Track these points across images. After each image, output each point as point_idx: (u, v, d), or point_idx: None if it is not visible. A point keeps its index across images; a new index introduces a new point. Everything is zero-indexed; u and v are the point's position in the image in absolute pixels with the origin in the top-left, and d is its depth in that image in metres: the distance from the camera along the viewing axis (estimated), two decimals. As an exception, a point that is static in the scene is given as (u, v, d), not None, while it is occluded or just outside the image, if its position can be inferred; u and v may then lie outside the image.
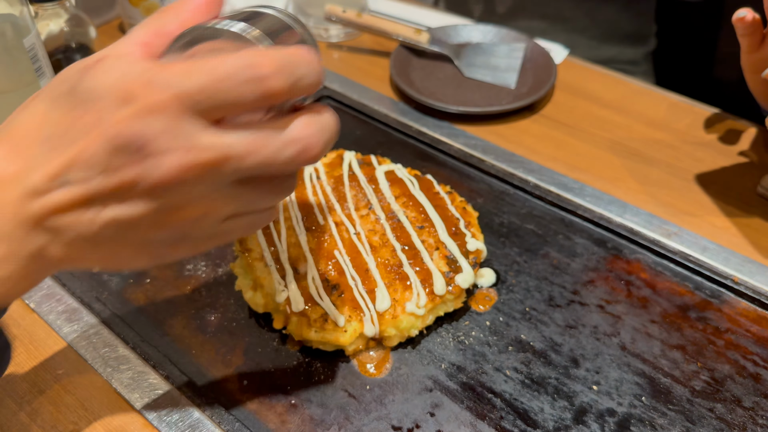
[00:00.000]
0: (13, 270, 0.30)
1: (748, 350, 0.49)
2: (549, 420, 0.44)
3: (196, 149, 0.28)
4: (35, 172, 0.29)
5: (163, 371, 0.46)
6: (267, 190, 0.33)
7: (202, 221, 0.31)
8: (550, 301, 0.52)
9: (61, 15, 0.65)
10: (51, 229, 0.30)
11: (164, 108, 0.28)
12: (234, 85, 0.28)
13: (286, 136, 0.30)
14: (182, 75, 0.28)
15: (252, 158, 0.29)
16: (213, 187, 0.30)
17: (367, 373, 0.47)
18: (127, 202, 0.29)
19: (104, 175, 0.29)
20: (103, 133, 0.28)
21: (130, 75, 0.28)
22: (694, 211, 0.60)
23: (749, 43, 0.57)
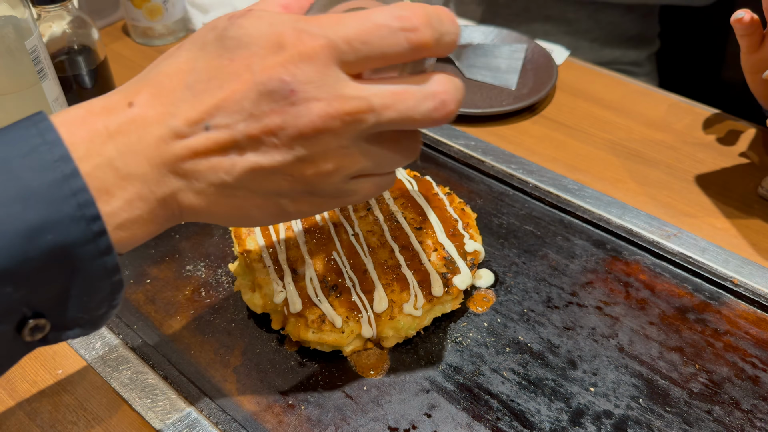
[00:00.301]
0: (141, 213, 0.30)
1: (747, 352, 0.49)
2: (546, 421, 0.44)
3: (342, 99, 0.29)
4: (178, 116, 0.29)
5: (161, 371, 0.46)
6: (396, 150, 0.33)
7: (332, 176, 0.31)
8: (548, 303, 0.52)
9: (64, 17, 0.66)
10: (187, 174, 0.30)
11: (315, 56, 0.28)
12: (385, 34, 0.28)
13: (426, 89, 0.30)
14: (334, 24, 0.28)
15: (392, 110, 0.30)
16: (349, 140, 0.30)
17: (365, 373, 0.47)
18: (267, 151, 0.30)
19: (249, 121, 0.29)
20: (252, 79, 0.28)
21: (280, 24, 0.29)
22: (694, 212, 0.60)
23: (749, 44, 0.57)
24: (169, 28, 0.83)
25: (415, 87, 0.30)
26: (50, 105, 0.61)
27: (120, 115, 0.29)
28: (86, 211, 0.28)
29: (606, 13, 1.02)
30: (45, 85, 0.59)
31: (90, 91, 0.69)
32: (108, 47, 0.83)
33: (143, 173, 0.30)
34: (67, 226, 0.27)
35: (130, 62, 0.81)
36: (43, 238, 0.27)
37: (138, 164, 0.29)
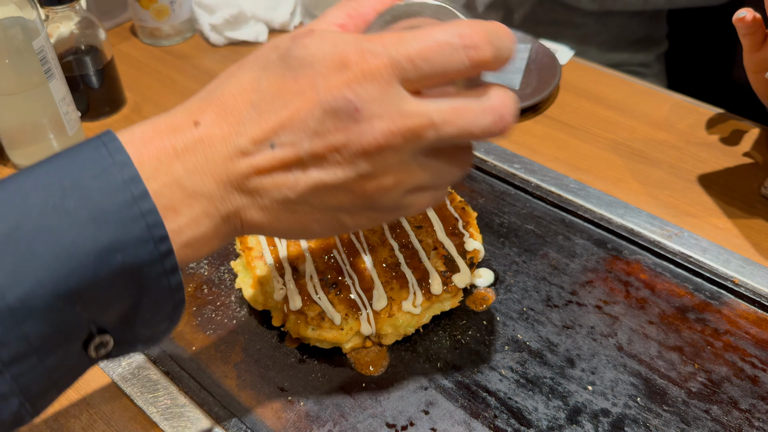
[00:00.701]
0: (206, 230, 0.31)
1: (747, 352, 0.49)
2: (543, 419, 0.45)
3: (404, 116, 0.29)
4: (243, 134, 0.30)
5: (163, 367, 0.47)
6: (452, 163, 0.34)
7: (392, 191, 0.32)
8: (547, 302, 0.52)
9: (72, 17, 0.67)
10: (252, 191, 0.31)
11: (378, 74, 0.29)
12: (447, 52, 0.29)
13: (484, 104, 0.31)
14: (396, 43, 0.29)
15: (452, 125, 0.30)
16: (409, 155, 0.31)
17: (364, 370, 0.48)
18: (330, 167, 0.30)
19: (313, 139, 0.30)
20: (317, 98, 0.29)
21: (343, 43, 0.29)
22: (696, 212, 0.60)
23: (751, 43, 0.57)
24: (176, 29, 0.84)
25: (474, 102, 0.30)
26: (57, 104, 0.62)
27: (186, 134, 0.30)
28: (155, 232, 0.28)
29: (613, 16, 1.02)
30: (52, 85, 0.60)
31: (97, 91, 0.70)
32: (116, 48, 0.84)
33: (209, 191, 0.30)
34: (137, 247, 0.28)
35: (137, 62, 0.81)
36: (114, 259, 0.27)
37: (204, 182, 0.30)
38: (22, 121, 0.61)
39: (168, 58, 0.82)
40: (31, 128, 0.62)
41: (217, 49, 0.84)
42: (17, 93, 0.59)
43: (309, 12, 0.85)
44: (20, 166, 0.65)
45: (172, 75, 0.79)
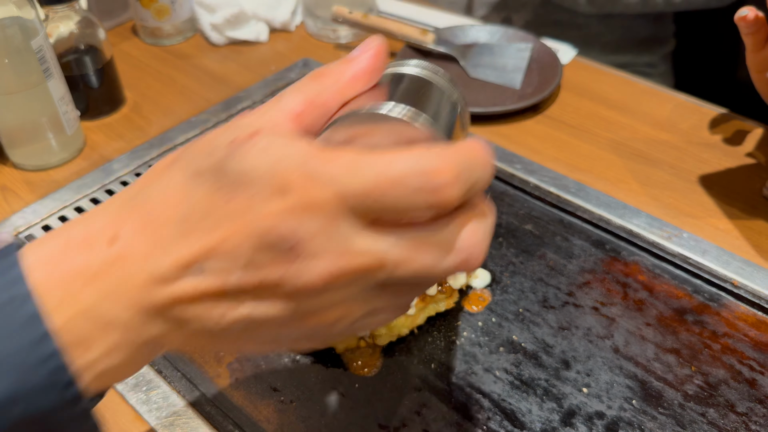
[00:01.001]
0: (121, 361, 0.27)
1: (745, 355, 0.48)
2: (536, 421, 0.44)
3: (349, 255, 0.25)
4: (166, 256, 0.26)
5: (156, 366, 0.47)
6: (411, 289, 0.29)
7: (338, 323, 0.28)
8: (544, 303, 0.52)
9: (72, 17, 0.67)
10: (174, 319, 0.27)
11: (323, 207, 0.25)
12: (405, 192, 0.25)
13: (450, 245, 0.26)
14: (347, 172, 0.25)
15: (408, 266, 0.26)
16: (357, 291, 0.27)
17: (357, 371, 0.48)
18: (262, 303, 0.26)
19: (245, 271, 0.26)
20: (251, 225, 0.25)
21: (288, 161, 0.25)
22: (697, 213, 0.59)
23: (754, 42, 0.56)
24: (177, 28, 0.84)
25: (437, 240, 0.26)
26: (56, 104, 0.62)
27: (102, 252, 0.26)
28: (60, 376, 0.25)
29: (617, 17, 1.01)
30: (51, 85, 0.61)
31: (96, 91, 0.70)
32: (117, 47, 0.84)
33: (125, 320, 0.26)
34: (39, 396, 0.25)
35: (138, 62, 0.82)
36: (12, 411, 0.24)
37: (119, 310, 0.26)
38: (21, 121, 0.62)
39: (169, 58, 0.82)
40: (30, 127, 0.62)
41: (217, 48, 0.84)
42: (16, 92, 0.59)
43: (310, 11, 0.85)
44: (20, 165, 0.65)
45: (172, 74, 0.80)
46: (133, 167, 0.65)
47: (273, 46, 0.85)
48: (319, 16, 0.84)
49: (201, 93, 0.76)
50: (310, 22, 0.85)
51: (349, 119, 0.28)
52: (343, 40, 0.85)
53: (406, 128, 0.27)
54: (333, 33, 0.84)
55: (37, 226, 0.60)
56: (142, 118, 0.72)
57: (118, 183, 0.64)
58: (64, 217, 0.60)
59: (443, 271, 0.27)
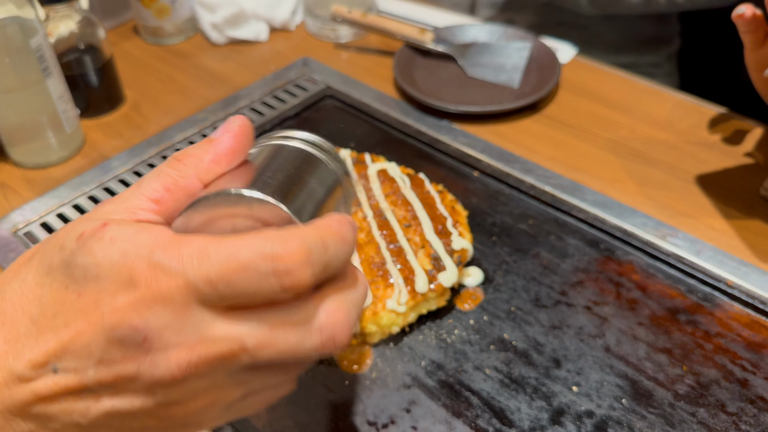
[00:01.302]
0: None
1: (738, 355, 0.48)
2: (525, 419, 0.44)
3: (205, 343, 0.25)
4: (21, 356, 0.26)
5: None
6: (282, 371, 0.29)
7: (207, 411, 0.28)
8: (536, 302, 0.52)
9: (72, 17, 0.67)
10: (38, 417, 0.27)
11: (170, 298, 0.25)
12: (253, 277, 0.24)
13: (310, 324, 0.26)
14: (193, 261, 0.25)
15: (269, 350, 0.26)
16: (223, 377, 0.27)
17: (347, 368, 0.48)
18: (124, 395, 0.26)
19: (99, 367, 0.26)
20: (100, 321, 0.25)
21: (134, 254, 0.25)
22: (693, 212, 0.59)
23: (752, 40, 0.56)
24: (178, 27, 0.84)
25: (297, 320, 0.26)
26: (55, 102, 0.62)
27: None
28: None
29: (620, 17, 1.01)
30: (50, 83, 0.61)
31: (96, 90, 0.71)
32: (119, 46, 0.85)
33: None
34: None
35: (139, 61, 0.82)
36: None
37: None
38: (21, 119, 0.62)
39: (169, 57, 0.83)
40: (29, 126, 0.63)
41: (217, 47, 0.85)
42: (15, 91, 0.59)
43: (310, 11, 0.85)
44: (20, 163, 0.66)
45: (172, 73, 0.80)
46: (131, 165, 0.66)
47: (273, 45, 0.85)
48: (319, 16, 0.84)
49: (200, 92, 0.77)
50: (310, 22, 0.86)
51: (203, 203, 0.27)
52: (342, 39, 0.85)
53: (262, 208, 0.27)
54: (333, 32, 0.84)
55: (35, 223, 0.60)
56: (142, 117, 0.73)
57: (116, 181, 0.64)
58: (62, 215, 0.61)
59: (308, 351, 0.26)
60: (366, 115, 0.72)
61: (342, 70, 0.79)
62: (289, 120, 0.73)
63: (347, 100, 0.74)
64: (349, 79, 0.77)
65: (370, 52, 0.83)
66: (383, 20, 0.79)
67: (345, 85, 0.76)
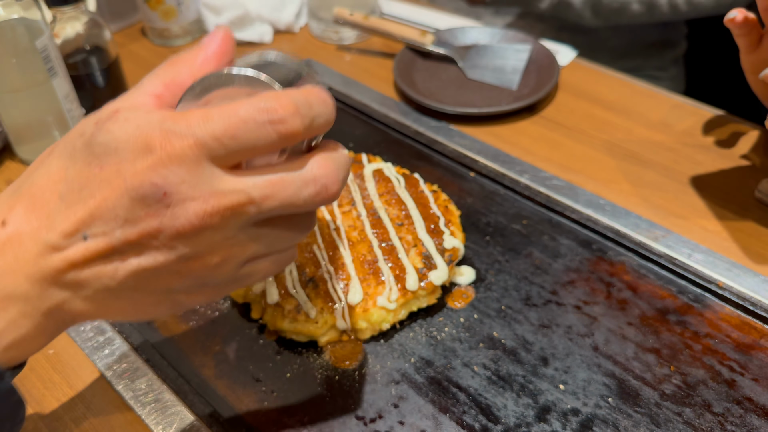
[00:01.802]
0: (27, 330, 0.30)
1: (726, 356, 0.48)
2: (511, 416, 0.45)
3: (218, 195, 0.29)
4: (53, 229, 0.29)
5: (144, 354, 0.49)
6: (287, 229, 0.33)
7: (223, 267, 0.31)
8: (526, 301, 0.52)
9: (79, 18, 0.69)
10: (70, 284, 0.30)
11: (184, 156, 0.28)
12: (251, 128, 0.28)
13: (304, 175, 0.30)
14: (200, 122, 0.28)
15: (273, 200, 0.30)
16: (233, 231, 0.30)
17: (338, 364, 0.49)
18: (149, 253, 0.29)
19: (125, 227, 0.29)
20: (123, 185, 0.28)
21: (147, 126, 0.28)
22: (686, 214, 0.59)
23: (747, 44, 0.56)
24: (184, 29, 0.86)
25: (294, 174, 0.30)
26: (60, 102, 0.64)
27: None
28: None
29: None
30: (55, 83, 0.63)
31: (102, 90, 0.72)
32: (126, 48, 0.86)
33: (23, 291, 0.29)
34: None
35: (145, 62, 0.84)
36: None
37: (17, 283, 0.29)
38: (28, 118, 0.64)
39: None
40: (36, 125, 0.64)
41: (223, 49, 0.86)
42: (21, 90, 0.61)
43: (314, 14, 0.86)
44: (27, 161, 0.68)
45: (178, 74, 0.81)
46: (134, 164, 0.67)
47: (277, 47, 0.86)
48: (323, 18, 0.85)
49: (204, 93, 0.78)
50: (314, 24, 0.87)
51: (198, 84, 0.31)
52: (346, 41, 0.86)
53: (252, 84, 0.31)
54: (336, 35, 0.86)
55: (40, 220, 0.62)
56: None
57: (119, 179, 0.66)
58: (66, 211, 0.62)
59: (305, 200, 0.30)
60: (365, 116, 0.73)
61: (344, 72, 0.80)
62: (290, 120, 0.74)
63: (348, 101, 0.75)
64: (350, 80, 0.78)
65: (373, 54, 0.84)
66: (384, 23, 0.80)
67: (346, 86, 0.77)
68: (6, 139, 0.67)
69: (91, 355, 0.49)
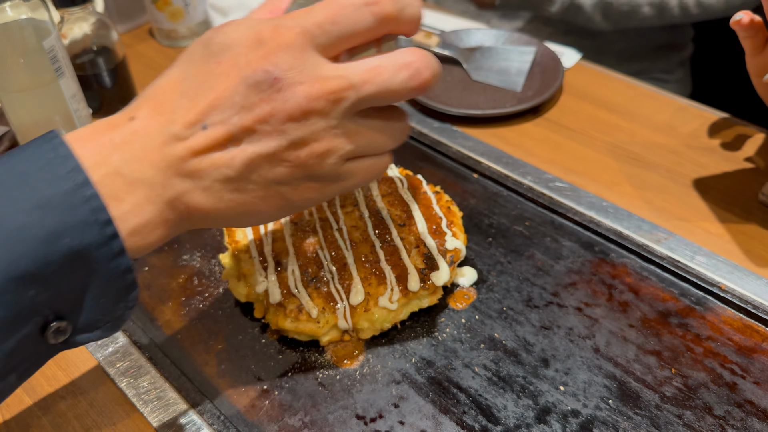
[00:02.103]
0: (151, 216, 0.32)
1: (728, 359, 0.48)
2: (511, 417, 0.45)
3: (322, 79, 0.32)
4: (176, 121, 0.32)
5: (147, 352, 0.49)
6: (383, 129, 0.36)
7: (326, 157, 0.34)
8: (528, 302, 0.53)
9: (87, 19, 0.70)
10: (191, 173, 0.32)
11: (292, 44, 0.31)
12: (350, 12, 0.32)
13: (399, 60, 0.33)
14: (305, 14, 0.32)
15: (371, 84, 0.32)
16: (337, 119, 0.33)
17: (340, 363, 0.49)
18: (262, 139, 0.32)
19: (242, 114, 0.32)
20: (239, 74, 0.31)
21: (258, 24, 0.32)
22: (690, 216, 0.59)
23: (752, 46, 0.56)
24: (191, 30, 0.86)
25: (389, 60, 0.33)
26: (67, 102, 0.65)
27: (123, 129, 0.32)
28: (99, 215, 0.30)
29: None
30: (62, 83, 0.63)
31: (109, 90, 0.73)
32: (134, 48, 0.87)
33: (149, 177, 0.32)
34: (82, 231, 0.29)
35: (153, 63, 0.85)
36: (62, 242, 0.29)
37: (143, 170, 0.32)
38: (35, 118, 0.64)
39: (182, 59, 0.85)
40: (43, 124, 0.65)
41: (229, 50, 0.86)
42: (28, 90, 0.62)
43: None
44: (34, 160, 0.68)
45: (184, 75, 0.82)
46: (140, 163, 0.67)
47: (283, 48, 0.87)
48: (328, 20, 0.85)
49: (210, 93, 0.78)
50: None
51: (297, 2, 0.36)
52: (351, 43, 0.86)
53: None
54: (341, 36, 0.86)
55: (46, 218, 0.62)
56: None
57: (125, 178, 0.66)
58: (72, 210, 0.63)
59: (400, 83, 0.33)
60: (370, 118, 0.73)
61: (349, 73, 0.80)
62: (295, 121, 0.74)
63: (352, 103, 0.75)
64: (355, 81, 0.78)
65: (378, 55, 0.84)
66: (390, 24, 0.80)
67: (351, 87, 0.77)
68: (14, 138, 0.68)
69: (95, 352, 0.49)
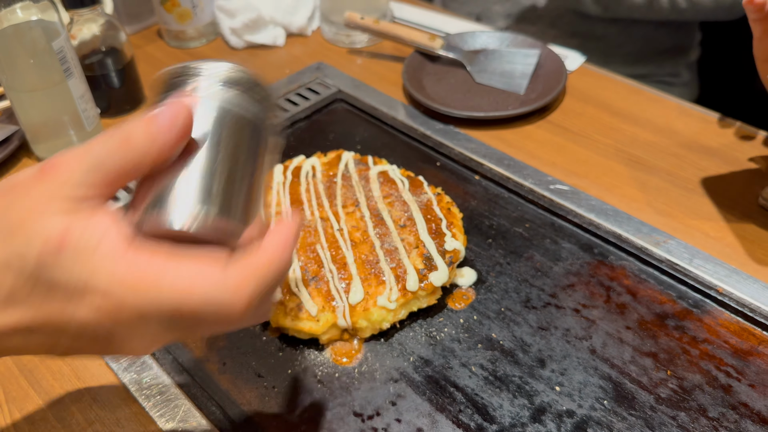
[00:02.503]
0: None
1: (723, 361, 0.48)
2: (506, 416, 0.45)
3: None
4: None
5: (150, 349, 0.50)
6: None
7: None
8: (526, 303, 0.53)
9: (96, 20, 0.71)
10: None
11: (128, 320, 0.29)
12: (201, 318, 0.29)
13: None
14: (150, 298, 0.28)
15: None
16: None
17: (339, 361, 0.50)
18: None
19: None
20: None
21: (98, 277, 0.28)
22: (689, 219, 0.59)
23: (761, 29, 0.54)
24: (199, 32, 0.87)
25: None
26: (76, 102, 0.66)
27: None
28: None
29: (638, 27, 1.01)
30: (71, 83, 0.65)
31: (118, 90, 0.74)
32: (142, 49, 0.88)
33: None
34: None
35: (161, 63, 0.86)
36: None
37: None
38: (44, 117, 0.66)
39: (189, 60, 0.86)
40: (52, 124, 0.66)
41: (236, 51, 0.87)
42: (38, 90, 0.63)
43: (326, 17, 0.87)
44: (43, 159, 0.70)
45: (191, 76, 0.83)
46: (146, 163, 0.68)
47: (289, 50, 0.88)
48: (334, 22, 0.86)
49: (217, 94, 0.79)
50: (326, 27, 0.88)
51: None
52: (357, 44, 0.87)
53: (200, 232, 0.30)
54: (347, 38, 0.87)
55: (54, 216, 0.64)
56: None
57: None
58: (79, 208, 0.64)
59: None
60: (374, 119, 0.74)
61: (354, 75, 0.81)
62: (300, 122, 0.75)
63: (357, 104, 0.76)
64: (360, 83, 0.79)
65: (383, 57, 0.85)
66: (394, 27, 0.81)
67: (356, 89, 0.78)
68: (23, 137, 0.69)
69: (100, 348, 0.50)
